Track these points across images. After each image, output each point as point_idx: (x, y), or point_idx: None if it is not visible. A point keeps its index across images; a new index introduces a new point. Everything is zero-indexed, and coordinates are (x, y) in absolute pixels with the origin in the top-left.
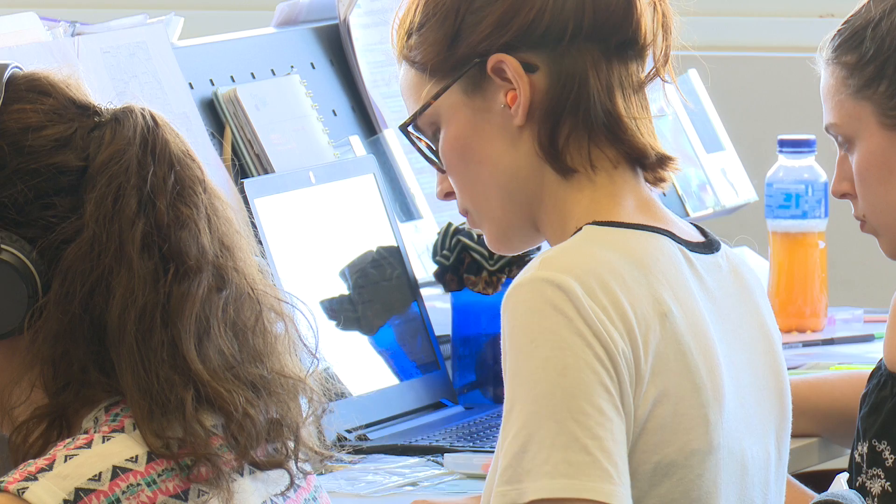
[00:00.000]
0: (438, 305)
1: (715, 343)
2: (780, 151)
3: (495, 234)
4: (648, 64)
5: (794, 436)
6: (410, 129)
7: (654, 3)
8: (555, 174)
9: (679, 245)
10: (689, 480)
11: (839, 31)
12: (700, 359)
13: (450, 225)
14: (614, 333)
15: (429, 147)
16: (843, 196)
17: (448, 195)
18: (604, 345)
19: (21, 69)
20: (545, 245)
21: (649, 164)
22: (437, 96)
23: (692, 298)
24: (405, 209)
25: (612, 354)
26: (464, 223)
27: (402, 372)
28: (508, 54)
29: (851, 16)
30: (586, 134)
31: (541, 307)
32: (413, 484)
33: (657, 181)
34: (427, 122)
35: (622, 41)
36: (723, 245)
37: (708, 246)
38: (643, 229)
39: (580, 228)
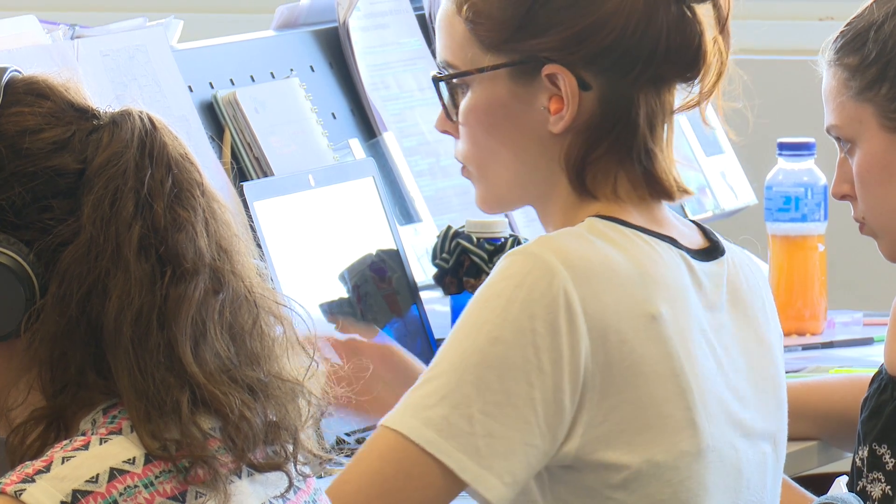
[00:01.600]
0: (438, 308)
1: (708, 349)
2: (780, 154)
3: (488, 200)
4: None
5: (793, 439)
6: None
7: (717, 37)
8: (570, 187)
9: (680, 251)
10: (677, 482)
11: (842, 32)
12: (688, 363)
13: (449, 228)
14: (580, 326)
15: (449, 85)
16: (843, 198)
17: (446, 132)
18: (553, 334)
19: (20, 72)
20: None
21: (672, 200)
22: (483, 70)
23: (687, 304)
24: (405, 212)
25: (555, 346)
26: (463, 227)
27: None
28: (569, 69)
29: (854, 18)
30: (617, 162)
31: (514, 277)
32: None
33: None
34: (458, 78)
35: (679, 78)
36: (728, 248)
37: (712, 251)
38: (645, 232)
39: (582, 221)
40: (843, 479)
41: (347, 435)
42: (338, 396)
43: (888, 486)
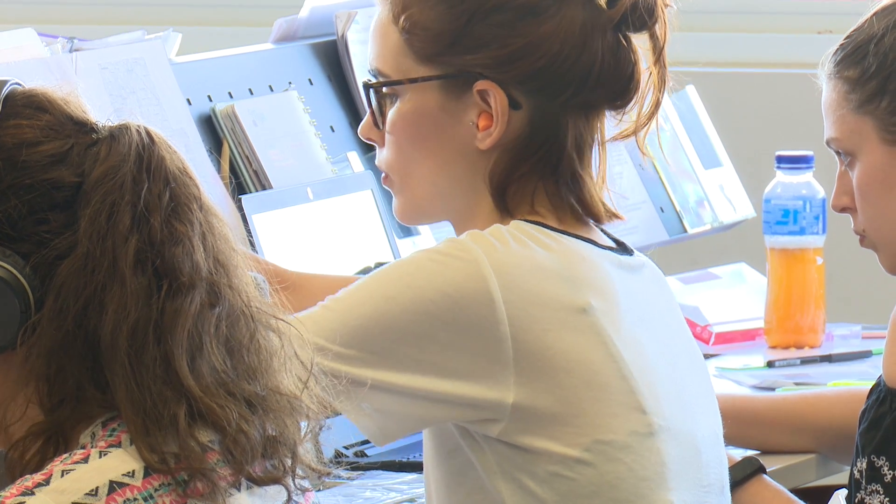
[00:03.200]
0: None
1: (647, 334)
2: (778, 167)
3: (406, 211)
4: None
5: (792, 452)
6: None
7: (652, 68)
8: (492, 204)
9: (602, 251)
10: (632, 460)
11: (841, 45)
12: (625, 349)
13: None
14: (499, 314)
15: (378, 94)
16: (842, 210)
17: (370, 140)
18: (455, 310)
19: (21, 85)
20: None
21: (600, 222)
22: (415, 81)
23: (616, 295)
24: (403, 225)
25: (455, 322)
26: None
27: None
28: (500, 87)
29: (854, 30)
30: (540, 181)
31: (430, 253)
32: (411, 500)
33: None
34: (389, 87)
35: (609, 105)
36: (632, 248)
37: (624, 249)
38: (567, 235)
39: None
40: (842, 493)
41: (346, 448)
42: None
43: (886, 498)
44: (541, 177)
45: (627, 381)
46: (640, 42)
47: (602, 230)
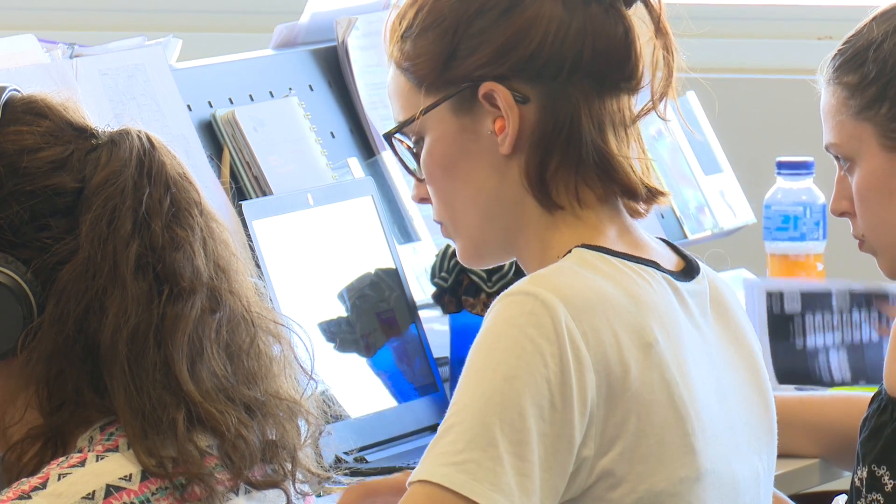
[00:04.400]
0: (437, 327)
1: (701, 370)
2: (779, 173)
3: (468, 250)
4: (643, 96)
5: (791, 455)
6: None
7: (654, 39)
8: (538, 206)
9: (664, 275)
10: None
11: (840, 50)
12: (684, 389)
13: (448, 247)
14: (585, 360)
15: (410, 151)
16: (841, 214)
17: (423, 200)
18: (562, 370)
19: (20, 92)
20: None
21: (640, 200)
22: (425, 111)
23: (678, 328)
24: (403, 231)
25: (565, 382)
26: None
27: (400, 394)
28: (501, 84)
29: (852, 35)
30: (574, 170)
31: (518, 318)
32: None
33: (635, 213)
34: (412, 130)
35: (618, 79)
36: (701, 264)
37: (689, 271)
38: (629, 259)
39: (570, 251)
40: (842, 498)
41: (346, 454)
42: None
43: None
44: (575, 168)
45: (683, 424)
46: (642, 16)
47: (667, 242)
